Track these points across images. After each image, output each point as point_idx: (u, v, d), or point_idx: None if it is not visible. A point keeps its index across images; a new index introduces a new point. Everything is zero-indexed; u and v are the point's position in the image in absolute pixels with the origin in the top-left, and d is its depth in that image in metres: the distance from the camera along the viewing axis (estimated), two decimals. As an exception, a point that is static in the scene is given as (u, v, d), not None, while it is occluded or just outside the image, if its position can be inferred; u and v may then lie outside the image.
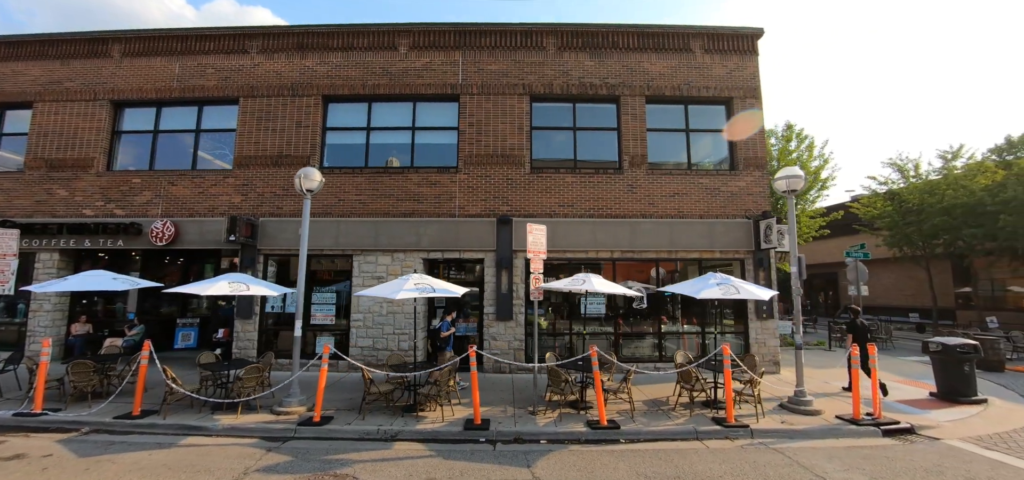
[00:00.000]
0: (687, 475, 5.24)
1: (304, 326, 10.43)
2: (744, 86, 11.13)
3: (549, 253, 10.39)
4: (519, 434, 6.63)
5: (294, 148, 10.78)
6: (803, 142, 15.19)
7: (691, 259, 10.67)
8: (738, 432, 6.62)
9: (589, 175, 10.74)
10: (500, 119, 10.82)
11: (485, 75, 11.00)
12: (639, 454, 5.92)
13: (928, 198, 19.18)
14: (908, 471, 5.35)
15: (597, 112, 11.23)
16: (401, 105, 11.16)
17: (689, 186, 10.75)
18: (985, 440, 6.36)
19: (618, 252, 10.50)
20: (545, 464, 5.58)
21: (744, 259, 10.60)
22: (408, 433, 6.65)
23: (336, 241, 10.43)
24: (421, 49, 11.12)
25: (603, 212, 10.57)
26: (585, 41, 11.16)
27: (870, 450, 6.03)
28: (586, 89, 11.01)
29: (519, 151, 10.72)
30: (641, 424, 6.89)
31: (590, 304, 10.54)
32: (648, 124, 11.14)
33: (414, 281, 7.29)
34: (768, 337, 10.41)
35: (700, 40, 11.23)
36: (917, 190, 19.71)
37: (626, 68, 11.10)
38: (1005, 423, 7.21)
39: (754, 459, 5.70)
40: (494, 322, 10.21)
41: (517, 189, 10.61)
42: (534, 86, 10.99)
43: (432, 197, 10.59)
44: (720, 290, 7.19)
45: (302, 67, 11.10)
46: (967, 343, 8.38)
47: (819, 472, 5.32)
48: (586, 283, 7.42)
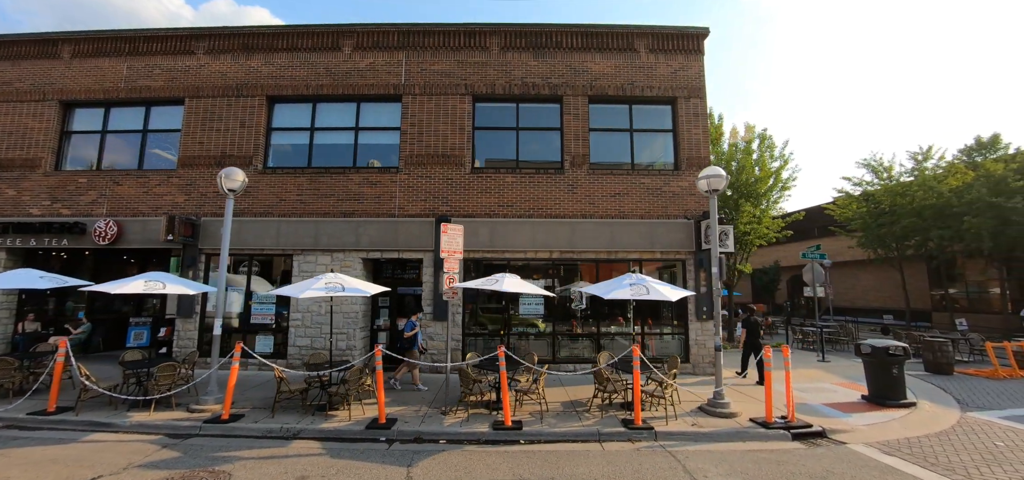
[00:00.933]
0: (563, 477, 5.21)
1: (245, 326, 10.57)
2: (689, 86, 11.08)
3: (488, 253, 10.44)
4: (420, 434, 6.62)
5: (238, 148, 10.84)
6: (764, 143, 15.07)
7: (631, 260, 10.61)
8: (642, 434, 6.57)
9: (530, 175, 10.72)
10: (442, 119, 10.83)
11: (428, 75, 11.02)
12: (529, 455, 5.89)
13: (899, 199, 19.01)
14: (794, 476, 5.28)
15: (540, 112, 11.21)
16: (345, 105, 11.20)
17: (631, 186, 10.71)
18: (891, 445, 6.26)
19: (557, 252, 10.47)
20: (427, 464, 5.56)
21: (685, 260, 10.54)
22: (310, 432, 6.66)
23: (277, 241, 10.48)
24: (365, 50, 11.16)
25: (543, 212, 10.55)
26: (529, 41, 11.15)
27: (768, 454, 5.97)
28: (529, 89, 11.00)
29: (460, 151, 10.72)
30: (548, 425, 6.86)
31: (528, 305, 10.52)
32: (591, 124, 11.13)
33: (325, 281, 7.31)
34: (708, 338, 10.33)
35: (645, 40, 11.20)
36: (889, 192, 19.53)
37: (569, 68, 11.08)
38: (923, 428, 7.11)
39: (640, 462, 5.66)
40: (431, 322, 10.20)
41: (457, 189, 10.61)
42: (477, 86, 10.99)
43: (372, 197, 10.61)
44: (631, 291, 7.15)
45: (247, 68, 11.17)
46: (896, 346, 8.27)
47: (700, 476, 5.26)
48: (498, 282, 7.40)
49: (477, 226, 10.42)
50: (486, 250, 10.43)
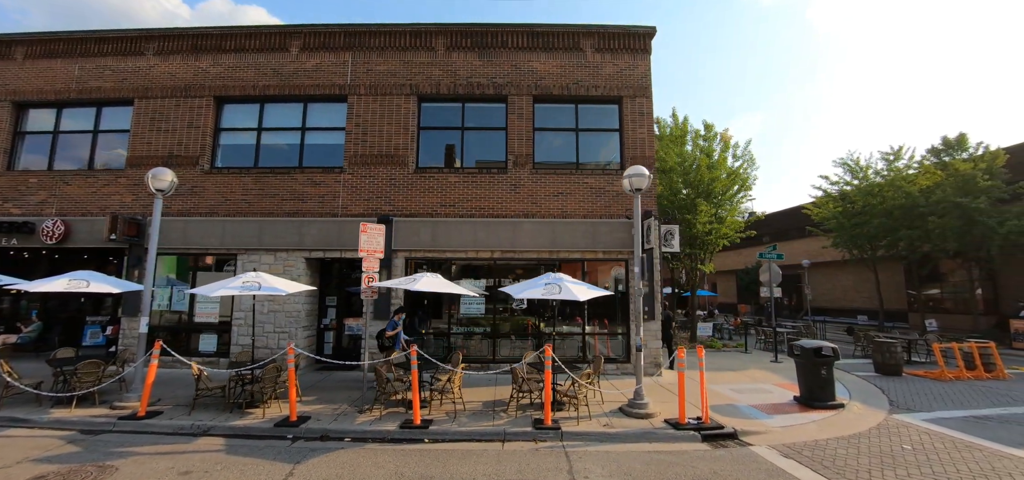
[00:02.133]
0: (442, 475, 5.23)
1: (190, 324, 10.66)
2: (635, 85, 11.06)
3: (429, 253, 10.48)
4: (327, 432, 6.66)
5: (185, 148, 10.94)
6: (727, 143, 14.97)
7: (573, 259, 10.62)
8: (548, 434, 6.57)
9: (473, 175, 10.74)
10: (386, 119, 10.88)
11: (374, 76, 11.07)
12: (423, 453, 5.91)
13: (871, 199, 18.87)
14: (679, 477, 5.27)
15: (486, 111, 11.23)
16: (292, 106, 11.26)
17: (574, 186, 10.70)
18: (795, 448, 6.20)
19: (498, 252, 10.48)
20: (315, 461, 5.60)
21: (628, 259, 10.52)
22: (220, 429, 6.72)
23: (222, 241, 10.56)
24: (312, 50, 11.21)
25: (485, 212, 10.57)
26: (474, 41, 11.17)
27: (665, 455, 5.94)
28: (473, 89, 11.02)
29: (404, 151, 10.76)
30: (458, 425, 6.87)
31: (470, 305, 10.54)
32: (537, 124, 11.14)
33: (243, 280, 7.36)
34: (650, 339, 10.30)
35: (591, 39, 11.18)
36: (861, 192, 19.40)
37: (514, 67, 11.09)
38: (840, 429, 7.04)
39: (529, 461, 5.66)
40: (372, 321, 10.24)
41: (400, 189, 10.65)
42: (422, 86, 11.02)
43: (316, 197, 10.67)
44: (544, 290, 7.15)
45: (196, 68, 11.26)
46: (826, 347, 8.22)
47: (581, 476, 5.26)
48: (415, 282, 7.43)
49: (419, 226, 10.46)
50: (428, 250, 10.47)
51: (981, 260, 16.44)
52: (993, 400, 8.64)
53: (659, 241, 10.80)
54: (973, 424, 7.18)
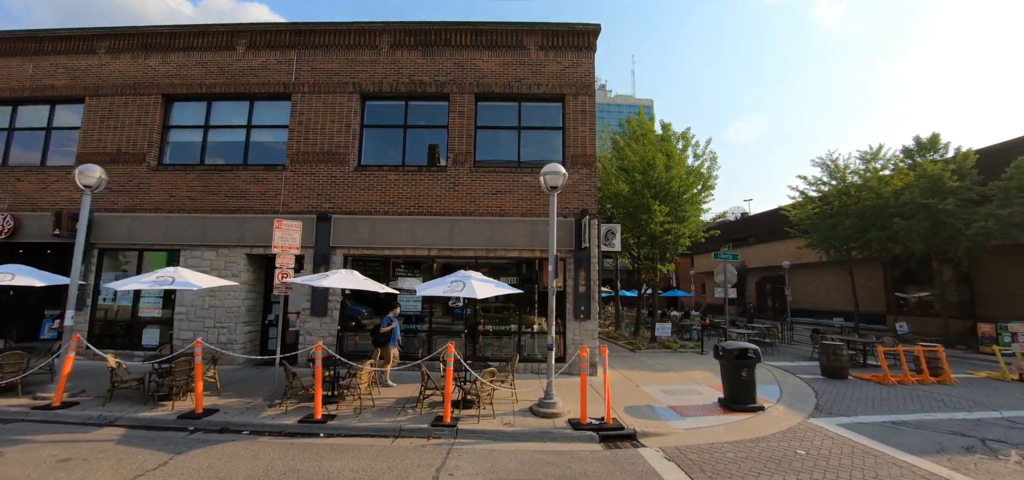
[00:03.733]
0: (310, 470, 5.27)
1: (134, 318, 10.84)
2: (578, 83, 11.01)
3: (368, 250, 10.55)
4: (228, 424, 6.75)
5: (132, 146, 11.12)
6: (687, 142, 14.82)
7: (510, 258, 10.61)
8: (443, 432, 6.58)
9: (412, 173, 10.78)
10: (329, 117, 10.95)
11: (318, 74, 11.15)
12: (307, 448, 5.95)
13: (846, 200, 18.59)
14: (546, 476, 5.24)
15: (429, 110, 11.26)
16: (239, 103, 11.39)
17: (513, 184, 10.69)
18: (685, 451, 6.09)
19: (435, 250, 10.51)
20: (197, 452, 5.68)
21: (566, 258, 10.48)
22: (125, 419, 6.84)
23: (165, 236, 10.71)
24: (258, 49, 11.33)
25: (424, 210, 10.60)
26: (418, 39, 11.20)
27: (548, 455, 5.89)
28: (416, 87, 11.06)
29: (345, 149, 10.83)
30: (360, 420, 6.92)
31: (408, 303, 10.58)
32: (480, 122, 11.15)
33: (157, 275, 7.49)
34: (586, 338, 10.26)
35: (535, 37, 11.15)
36: (837, 192, 19.11)
37: (457, 65, 11.10)
38: (748, 432, 6.93)
39: (404, 457, 5.68)
40: (309, 318, 10.34)
41: (341, 186, 10.72)
42: (365, 84, 11.08)
43: (258, 194, 10.78)
44: (447, 288, 7.17)
45: (145, 67, 11.43)
46: (748, 348, 8.12)
47: (445, 474, 5.26)
48: (326, 278, 7.49)
49: (358, 223, 10.53)
50: (367, 247, 10.53)
51: (950, 262, 16.11)
52: (923, 405, 8.48)
53: (598, 240, 10.76)
54: (886, 429, 7.05)
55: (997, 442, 6.48)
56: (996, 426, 7.25)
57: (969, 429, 7.05)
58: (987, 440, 6.56)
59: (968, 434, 6.80)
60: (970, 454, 6.00)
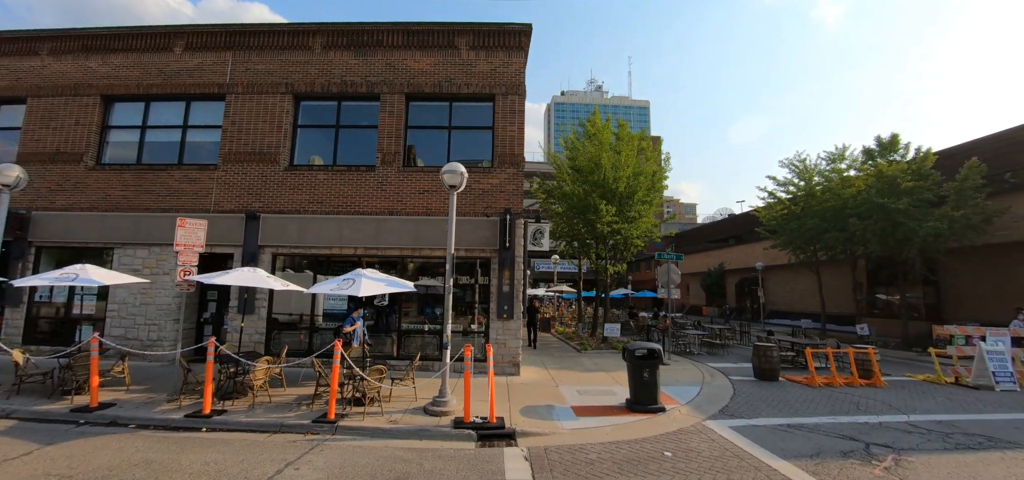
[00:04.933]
0: (164, 461, 5.34)
1: (69, 316, 11.02)
2: (508, 82, 11.03)
3: (296, 249, 10.63)
4: (117, 418, 6.85)
5: (71, 145, 11.31)
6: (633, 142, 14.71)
7: (436, 257, 10.64)
8: (323, 428, 6.63)
9: (342, 172, 10.86)
10: (261, 117, 11.07)
11: (252, 74, 11.27)
12: (171, 441, 6.03)
13: (810, 202, 18.40)
14: (388, 471, 5.28)
15: (362, 110, 11.33)
16: (176, 104, 11.54)
17: (440, 184, 10.63)
18: (553, 451, 5.98)
19: (362, 249, 10.57)
20: (64, 444, 5.80)
21: (491, 258, 10.49)
22: (22, 412, 6.98)
23: (100, 235, 10.88)
24: (195, 50, 11.48)
25: (352, 209, 10.67)
26: (350, 40, 11.28)
27: (409, 452, 5.87)
28: (347, 87, 11.13)
29: (276, 149, 10.94)
30: (248, 416, 6.99)
31: (331, 301, 10.65)
32: (412, 121, 11.22)
33: (61, 271, 7.61)
34: (509, 338, 10.27)
35: (466, 37, 11.18)
36: (802, 194, 18.92)
37: (389, 66, 11.16)
38: (632, 433, 6.84)
39: (263, 452, 5.73)
40: (236, 315, 10.44)
41: (271, 186, 10.83)
42: (297, 85, 11.18)
43: (191, 193, 10.92)
44: (337, 286, 7.22)
45: (85, 68, 11.63)
46: (649, 350, 8.08)
47: (297, 466, 5.32)
48: (226, 276, 7.57)
49: (288, 222, 10.63)
50: (295, 246, 10.62)
51: (905, 263, 15.88)
52: (835, 408, 8.36)
53: (525, 240, 10.74)
54: (776, 432, 6.97)
55: (882, 447, 6.38)
56: (894, 430, 7.13)
57: (862, 433, 6.95)
58: (872, 444, 6.45)
59: (857, 438, 6.70)
60: (843, 458, 5.91)
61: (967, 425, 7.39)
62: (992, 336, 10.85)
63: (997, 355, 10.26)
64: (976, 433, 6.97)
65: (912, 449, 6.26)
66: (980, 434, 6.91)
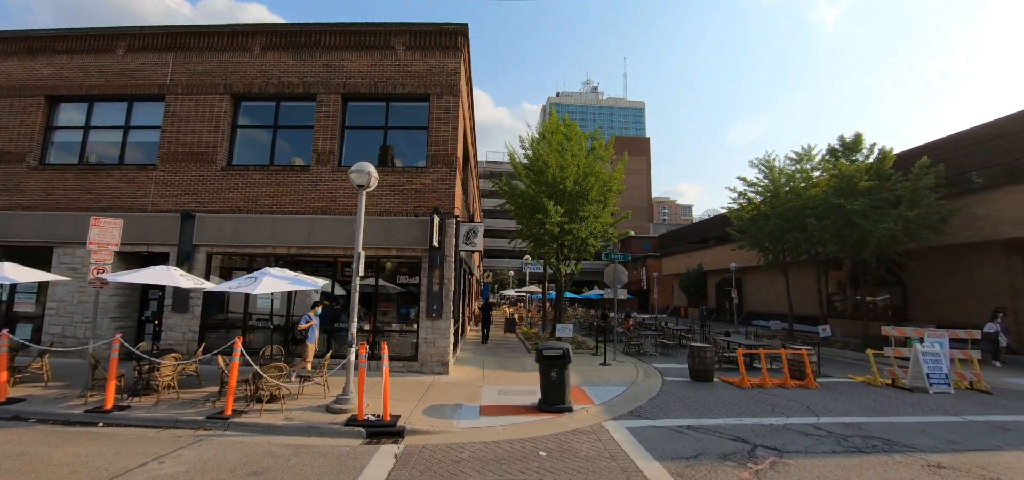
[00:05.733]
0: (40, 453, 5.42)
1: (9, 313, 11.16)
2: (443, 82, 11.06)
3: (231, 248, 10.72)
4: (21, 412, 6.97)
5: (14, 146, 11.47)
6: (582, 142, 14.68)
7: (368, 256, 10.66)
8: (215, 423, 6.70)
9: (277, 172, 10.93)
10: (200, 118, 11.17)
11: (192, 76, 11.38)
12: (73, 435, 6.16)
13: (775, 202, 18.27)
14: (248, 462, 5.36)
15: (300, 110, 11.41)
16: (118, 105, 11.68)
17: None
18: (424, 450, 5.95)
19: (295, 248, 10.64)
20: (-60, 442, 5.89)
21: (421, 257, 10.52)
22: (-71, 408, 7.12)
23: (40, 234, 11.02)
24: (137, 51, 11.61)
25: (286, 209, 10.74)
26: (289, 41, 11.36)
27: (280, 447, 5.92)
28: (284, 88, 11.21)
29: (213, 149, 11.03)
30: (149, 412, 7.06)
31: (264, 300, 10.73)
32: (350, 122, 11.29)
33: (-28, 269, 7.73)
34: (438, 337, 10.28)
35: (403, 37, 11.23)
36: (768, 194, 18.79)
37: (326, 66, 11.23)
38: (518, 434, 6.76)
39: (140, 446, 5.79)
40: (171, 314, 10.54)
41: (207, 185, 10.92)
42: (236, 86, 11.27)
43: (129, 192, 11.04)
44: (236, 285, 7.27)
45: (30, 69, 11.79)
46: (558, 350, 8.06)
47: (163, 459, 5.38)
48: (139, 275, 7.66)
49: (223, 221, 10.72)
50: (230, 245, 10.71)
51: (865, 264, 15.72)
52: (748, 409, 8.28)
53: (457, 239, 10.78)
54: (668, 433, 6.91)
55: (769, 448, 6.31)
56: (793, 433, 7.02)
57: (758, 434, 6.88)
58: (760, 446, 6.39)
59: (748, 440, 6.62)
60: (720, 460, 5.81)
61: (872, 428, 7.30)
62: (930, 337, 10.72)
63: (932, 357, 10.14)
64: (876, 436, 6.88)
65: (799, 452, 6.20)
66: (880, 437, 6.82)
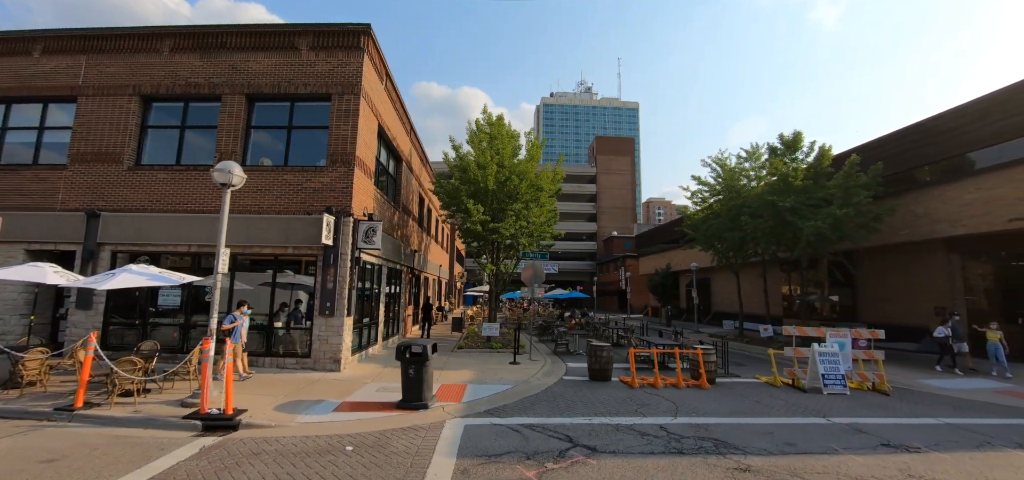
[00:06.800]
0: None
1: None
2: (345, 82, 11.14)
3: (135, 245, 10.92)
4: None
5: (-66, 147, 11.81)
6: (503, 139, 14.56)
7: (266, 254, 10.81)
8: (62, 415, 6.88)
9: (181, 171, 11.10)
10: (109, 119, 11.38)
11: (103, 77, 11.60)
12: None
13: (723, 200, 18.07)
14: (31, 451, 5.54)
15: (208, 111, 11.56)
16: (33, 106, 11.95)
17: (273, 182, 10.89)
18: (241, 441, 6.11)
19: (196, 246, 10.80)
20: None
21: (318, 255, 10.61)
22: None
23: (-46, 233, 11.34)
24: (51, 54, 11.86)
25: (189, 207, 10.90)
26: (197, 42, 11.53)
27: (97, 438, 6.09)
28: (191, 89, 11.38)
29: (121, 149, 11.24)
30: (4, 404, 7.26)
31: (166, 297, 10.90)
32: (257, 122, 11.44)
33: None
34: (331, 335, 10.37)
35: (307, 38, 11.34)
36: (714, 192, 18.58)
37: (231, 67, 11.37)
38: (354, 429, 6.80)
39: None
40: (75, 310, 10.77)
41: (114, 185, 11.13)
42: (144, 87, 11.47)
43: (39, 193, 11.28)
44: (88, 280, 7.41)
45: (-50, 71, 12.12)
46: (415, 348, 8.05)
47: (-33, 453, 5.54)
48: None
49: (128, 220, 10.91)
50: (133, 243, 10.91)
51: (796, 263, 15.46)
52: (609, 409, 8.16)
53: (353, 238, 10.85)
54: (501, 432, 6.81)
55: (585, 448, 6.17)
56: (628, 433, 6.78)
57: (587, 434, 6.68)
58: (578, 446, 6.20)
59: (573, 439, 6.47)
60: (522, 459, 5.68)
61: (718, 429, 7.15)
62: (832, 337, 10.54)
63: (829, 357, 9.96)
64: (715, 438, 6.71)
65: (616, 452, 6.08)
66: (716, 439, 6.65)
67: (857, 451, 6.27)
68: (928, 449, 6.41)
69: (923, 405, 9.13)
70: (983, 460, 6.02)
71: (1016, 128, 12.62)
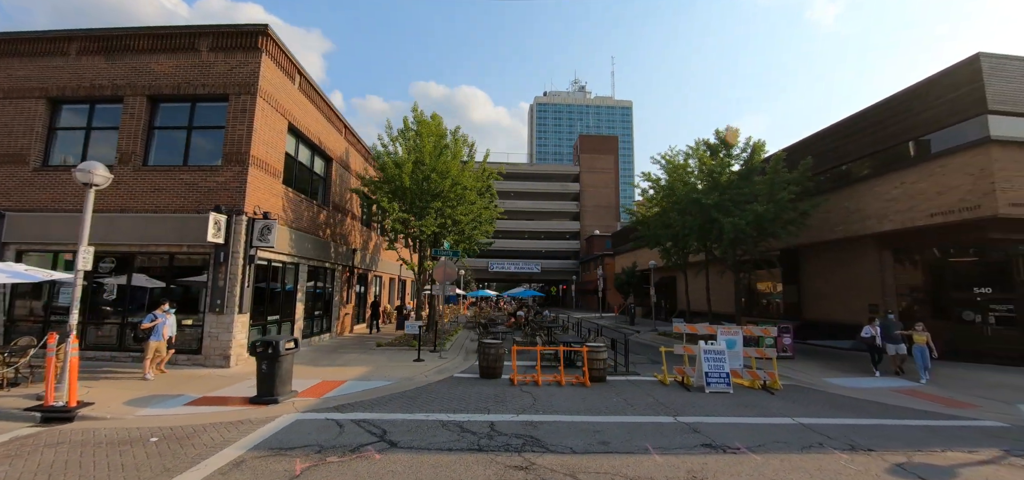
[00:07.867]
0: None
1: None
2: (242, 82, 11.26)
3: (37, 244, 11.18)
4: None
5: None
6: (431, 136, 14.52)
7: (161, 252, 10.99)
8: (-96, 412, 7.09)
9: (83, 172, 11.33)
10: (16, 120, 11.67)
11: (12, 80, 11.89)
12: None
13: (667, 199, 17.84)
14: None
15: (113, 112, 11.79)
16: (-50, 110, 12.30)
17: (171, 181, 11.07)
18: (46, 434, 6.29)
19: (94, 244, 11.00)
20: None
21: (209, 253, 10.76)
22: None
23: None
24: (-36, 58, 12.21)
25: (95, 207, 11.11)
26: (103, 45, 11.76)
27: None
28: (96, 91, 11.61)
29: (27, 150, 11.52)
30: None
31: (66, 294, 11.15)
32: (162, 122, 11.65)
33: None
34: (221, 331, 10.51)
35: (207, 39, 11.49)
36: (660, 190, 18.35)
37: (134, 69, 11.58)
38: (182, 421, 6.96)
39: None
40: (-23, 308, 11.07)
41: (20, 186, 11.41)
42: (51, 89, 11.74)
43: (-53, 194, 11.64)
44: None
45: None
46: (269, 344, 8.12)
47: None
48: None
49: (32, 220, 11.18)
50: (36, 242, 11.19)
51: (722, 260, 15.21)
52: (466, 406, 8.12)
53: (251, 236, 10.97)
54: (320, 426, 6.83)
55: (387, 443, 6.15)
56: (443, 429, 6.70)
57: (405, 430, 6.63)
58: (384, 441, 6.19)
59: (385, 434, 6.44)
60: (314, 452, 5.72)
61: (550, 428, 6.97)
62: (723, 334, 10.36)
63: (714, 355, 9.80)
64: (534, 437, 6.53)
65: (415, 448, 6.02)
66: (534, 438, 6.45)
67: (668, 451, 6.15)
68: (747, 450, 6.26)
69: (802, 405, 8.90)
70: (790, 462, 5.86)
71: (935, 121, 12.25)
